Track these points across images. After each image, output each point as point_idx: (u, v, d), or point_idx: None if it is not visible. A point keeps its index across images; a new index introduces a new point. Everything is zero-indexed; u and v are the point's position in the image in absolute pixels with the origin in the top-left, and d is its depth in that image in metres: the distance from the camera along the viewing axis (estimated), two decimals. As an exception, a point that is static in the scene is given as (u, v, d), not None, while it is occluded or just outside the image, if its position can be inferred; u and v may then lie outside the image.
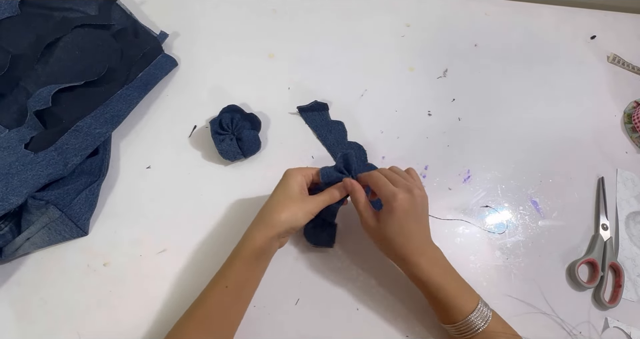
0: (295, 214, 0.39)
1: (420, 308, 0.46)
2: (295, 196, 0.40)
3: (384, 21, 0.65)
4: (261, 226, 0.39)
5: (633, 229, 0.55)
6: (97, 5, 0.54)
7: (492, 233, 0.52)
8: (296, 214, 0.39)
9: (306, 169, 0.42)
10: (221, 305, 0.38)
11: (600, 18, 0.73)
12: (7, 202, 0.39)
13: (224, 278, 0.39)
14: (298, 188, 0.40)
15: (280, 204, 0.39)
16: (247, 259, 0.39)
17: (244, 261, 0.39)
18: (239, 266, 0.39)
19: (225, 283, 0.38)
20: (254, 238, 0.39)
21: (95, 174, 0.46)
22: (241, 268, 0.39)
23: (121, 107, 0.49)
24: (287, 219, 0.38)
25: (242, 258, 0.39)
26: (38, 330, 0.41)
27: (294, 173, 0.41)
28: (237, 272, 0.39)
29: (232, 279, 0.38)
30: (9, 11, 0.51)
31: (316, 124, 0.55)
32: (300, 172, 0.41)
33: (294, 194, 0.40)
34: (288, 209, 0.39)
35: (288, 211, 0.39)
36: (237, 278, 0.39)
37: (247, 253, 0.38)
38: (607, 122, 0.63)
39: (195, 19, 0.60)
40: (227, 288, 0.38)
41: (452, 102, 0.60)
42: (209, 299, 0.38)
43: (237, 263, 0.39)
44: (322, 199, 0.41)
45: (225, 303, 0.38)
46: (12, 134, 0.44)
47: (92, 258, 0.44)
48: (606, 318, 0.49)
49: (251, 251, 0.38)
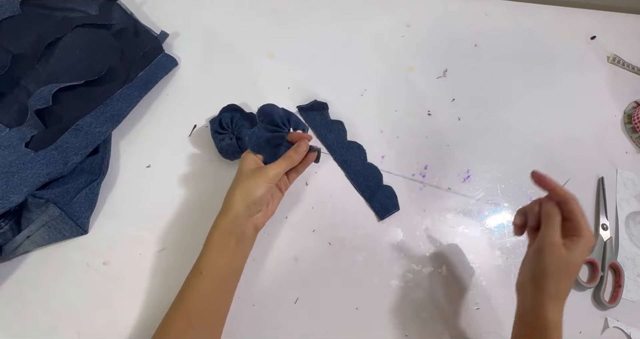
0: (248, 191, 0.40)
1: (420, 307, 0.46)
2: (246, 174, 0.41)
3: (384, 21, 0.65)
4: (222, 211, 0.40)
5: (633, 229, 0.55)
6: (98, 5, 0.54)
7: (492, 233, 0.52)
8: (249, 190, 0.40)
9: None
10: (203, 295, 0.38)
11: (600, 18, 0.73)
12: (8, 200, 0.40)
13: (197, 266, 0.39)
14: (250, 166, 0.41)
15: (233, 187, 0.41)
16: (215, 245, 0.39)
17: (214, 247, 0.39)
18: (209, 252, 0.39)
19: (199, 270, 0.38)
20: (218, 224, 0.40)
21: (96, 173, 0.46)
22: (212, 254, 0.39)
23: (121, 106, 0.49)
24: (241, 198, 0.40)
25: (211, 244, 0.39)
26: (38, 328, 0.41)
27: (245, 154, 0.42)
28: (209, 258, 0.39)
29: (205, 266, 0.39)
30: (10, 11, 0.51)
31: (316, 123, 0.55)
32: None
33: (245, 173, 0.41)
34: (240, 188, 0.40)
35: (240, 189, 0.40)
36: (211, 264, 0.39)
37: (215, 239, 0.39)
38: (607, 122, 0.63)
39: (195, 18, 0.60)
40: (202, 274, 0.38)
41: (452, 102, 0.60)
42: (189, 291, 0.38)
43: (207, 249, 0.39)
44: (277, 165, 0.41)
45: (206, 293, 0.38)
46: (13, 132, 0.45)
47: (91, 256, 0.44)
48: (606, 318, 0.49)
49: (218, 236, 0.39)
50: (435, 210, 0.52)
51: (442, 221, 0.51)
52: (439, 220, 0.51)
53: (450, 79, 0.62)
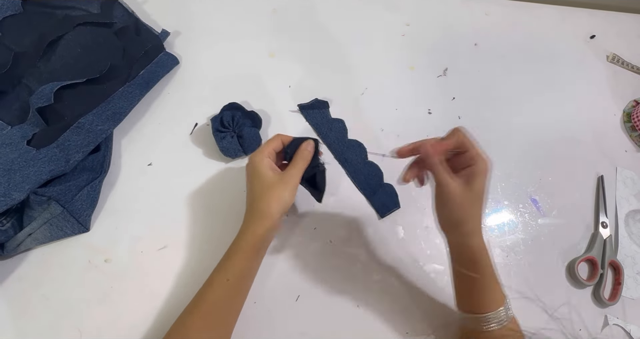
0: (282, 198, 0.39)
1: (421, 306, 0.46)
2: (273, 180, 0.39)
3: (384, 20, 0.66)
4: (257, 219, 0.39)
5: (632, 227, 0.55)
6: (99, 4, 0.54)
7: (492, 231, 0.52)
8: (283, 198, 0.39)
9: (265, 148, 0.41)
10: (223, 298, 0.38)
11: (599, 18, 0.73)
12: (10, 198, 0.40)
13: (225, 272, 0.39)
14: (270, 171, 0.40)
15: (265, 194, 0.39)
16: (247, 252, 0.39)
17: (245, 255, 0.39)
18: (239, 259, 0.39)
19: (227, 276, 0.38)
20: (255, 232, 0.39)
21: (97, 171, 0.47)
22: (242, 261, 0.39)
23: (123, 104, 0.49)
24: (277, 206, 0.39)
25: (243, 251, 0.39)
26: (39, 326, 0.41)
27: (259, 158, 0.40)
28: (238, 265, 0.39)
29: (233, 273, 0.39)
30: (12, 9, 0.51)
31: (317, 122, 0.55)
32: (262, 153, 0.41)
33: (271, 179, 0.40)
34: (274, 196, 0.39)
35: (275, 199, 0.39)
36: (238, 271, 0.39)
37: (248, 247, 0.39)
38: (607, 121, 0.64)
39: (196, 17, 0.60)
40: (229, 281, 0.38)
41: (452, 100, 0.60)
42: (211, 293, 0.38)
43: (238, 256, 0.39)
44: (298, 168, 0.41)
45: (227, 296, 0.38)
46: (15, 130, 0.45)
47: (93, 254, 0.44)
48: (606, 315, 0.49)
49: (252, 244, 0.39)
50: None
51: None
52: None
53: (451, 78, 0.62)
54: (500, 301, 0.38)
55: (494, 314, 0.37)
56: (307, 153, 0.42)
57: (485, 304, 0.38)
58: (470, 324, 0.40)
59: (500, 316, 0.37)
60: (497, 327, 0.37)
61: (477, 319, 0.38)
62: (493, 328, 0.37)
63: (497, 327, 0.37)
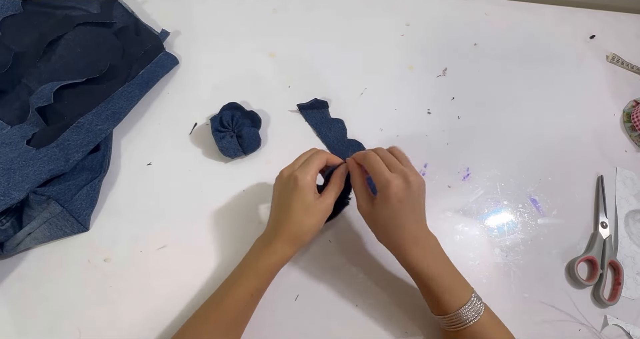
0: (317, 226, 0.39)
1: (420, 305, 0.46)
2: (313, 204, 0.38)
3: (384, 20, 0.66)
4: (290, 242, 0.39)
5: (632, 228, 0.55)
6: (99, 4, 0.54)
7: (491, 231, 0.52)
8: (318, 226, 0.39)
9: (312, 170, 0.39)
10: (241, 310, 0.39)
11: (599, 18, 0.73)
12: (9, 197, 0.40)
13: (249, 284, 0.39)
14: (313, 195, 0.39)
15: (305, 221, 0.39)
16: (273, 272, 0.40)
17: (271, 275, 0.40)
18: (266, 275, 0.39)
19: (250, 292, 0.38)
20: (286, 255, 0.39)
21: (97, 171, 0.47)
22: (267, 277, 0.40)
23: (122, 104, 0.49)
24: (311, 235, 0.39)
25: (270, 271, 0.39)
26: (39, 325, 0.41)
27: (305, 182, 0.38)
28: (263, 281, 0.39)
29: (256, 288, 0.39)
30: (12, 9, 0.51)
31: (316, 121, 0.55)
32: (310, 176, 0.39)
33: (311, 203, 0.38)
34: (313, 224, 0.39)
35: (311, 226, 0.39)
36: (261, 286, 0.40)
37: (275, 267, 0.39)
38: (607, 121, 0.64)
39: (196, 17, 0.60)
40: (252, 296, 0.39)
41: (452, 100, 0.60)
42: (231, 303, 0.38)
43: (266, 273, 0.39)
44: (334, 197, 0.40)
45: (245, 309, 0.39)
46: (14, 130, 0.45)
47: (92, 253, 0.44)
48: (605, 315, 0.49)
49: (279, 265, 0.39)
50: (435, 208, 0.52)
51: (442, 219, 0.51)
52: (438, 218, 0.51)
53: (450, 78, 0.62)
54: (463, 298, 0.38)
55: (456, 313, 0.38)
56: (339, 180, 0.41)
57: (446, 306, 0.38)
58: (443, 324, 0.41)
59: (464, 314, 0.38)
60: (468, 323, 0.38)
61: (446, 319, 0.39)
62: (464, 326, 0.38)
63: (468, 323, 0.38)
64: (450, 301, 0.38)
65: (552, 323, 0.47)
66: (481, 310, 0.38)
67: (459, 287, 0.39)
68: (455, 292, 0.39)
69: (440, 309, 0.39)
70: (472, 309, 0.38)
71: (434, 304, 0.40)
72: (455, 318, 0.38)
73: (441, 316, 0.40)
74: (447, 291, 0.38)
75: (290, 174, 0.40)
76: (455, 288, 0.39)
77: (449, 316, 0.38)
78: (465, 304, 0.38)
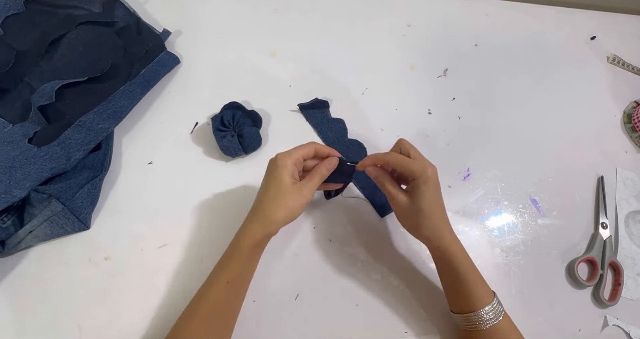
0: (292, 209, 0.38)
1: (420, 304, 0.46)
2: (289, 189, 0.38)
3: (385, 20, 0.66)
4: (260, 223, 0.39)
5: (632, 228, 0.55)
6: (101, 3, 0.55)
7: (491, 231, 0.52)
8: (293, 209, 0.38)
9: (295, 153, 0.39)
10: (223, 300, 0.38)
11: (600, 19, 0.73)
12: (11, 195, 0.40)
13: (225, 273, 0.39)
14: (290, 179, 0.38)
15: (276, 201, 0.38)
16: (246, 254, 0.39)
17: (243, 256, 0.39)
18: (238, 260, 0.39)
19: (227, 279, 0.38)
20: (255, 235, 0.38)
21: (98, 169, 0.47)
22: (240, 263, 0.39)
23: (124, 103, 0.49)
24: (284, 216, 0.38)
25: (241, 253, 0.39)
26: (39, 323, 0.41)
27: (284, 162, 0.38)
28: (237, 267, 0.39)
29: (232, 275, 0.39)
30: (14, 8, 0.51)
31: (317, 121, 0.55)
32: (291, 159, 0.39)
33: (287, 187, 0.38)
34: (284, 205, 0.38)
35: (284, 208, 0.38)
36: (237, 273, 0.39)
37: (246, 249, 0.39)
38: (607, 122, 0.64)
39: (197, 17, 0.61)
40: (228, 283, 0.38)
41: (452, 101, 0.61)
42: (211, 295, 0.38)
43: (237, 257, 0.39)
44: (313, 183, 0.40)
45: (227, 298, 0.39)
46: (16, 128, 0.45)
47: (93, 251, 0.44)
48: (605, 316, 0.49)
49: (250, 247, 0.39)
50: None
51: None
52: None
53: (451, 78, 0.62)
54: (486, 299, 0.38)
55: (477, 313, 0.38)
56: (324, 170, 0.41)
57: (469, 303, 0.38)
58: (460, 323, 0.40)
59: (485, 314, 0.38)
60: (487, 325, 0.38)
61: (466, 318, 0.39)
62: (482, 327, 0.38)
63: (487, 325, 0.38)
64: (476, 298, 0.38)
65: (552, 323, 0.48)
66: (500, 314, 0.38)
67: (484, 286, 0.39)
68: (480, 290, 0.39)
69: (463, 306, 0.39)
70: (493, 311, 0.38)
71: (459, 299, 0.40)
72: (475, 318, 0.38)
73: (461, 314, 0.39)
74: (476, 287, 0.38)
75: (275, 156, 0.40)
76: (483, 285, 0.39)
77: (468, 315, 0.38)
78: (490, 303, 0.38)
